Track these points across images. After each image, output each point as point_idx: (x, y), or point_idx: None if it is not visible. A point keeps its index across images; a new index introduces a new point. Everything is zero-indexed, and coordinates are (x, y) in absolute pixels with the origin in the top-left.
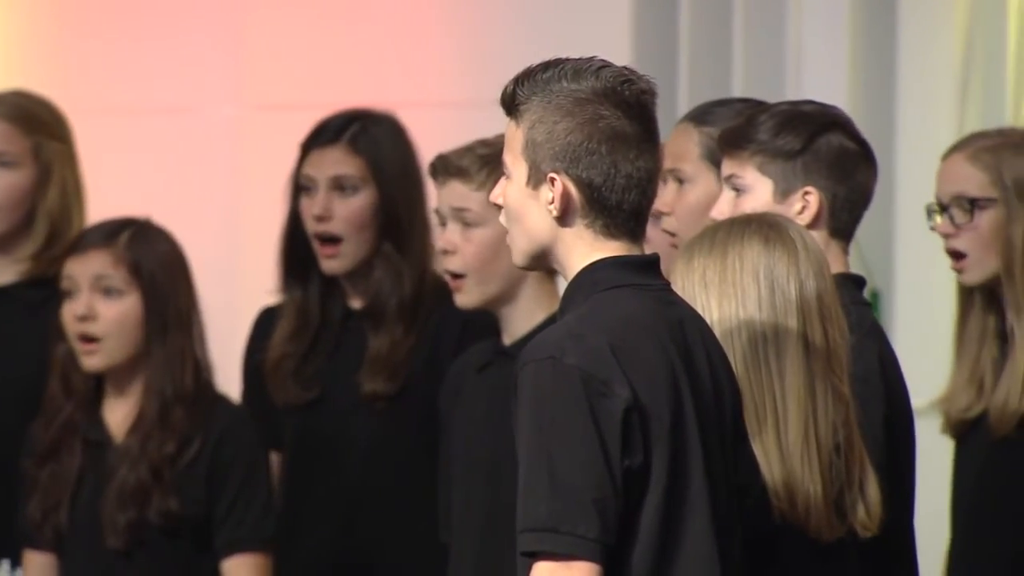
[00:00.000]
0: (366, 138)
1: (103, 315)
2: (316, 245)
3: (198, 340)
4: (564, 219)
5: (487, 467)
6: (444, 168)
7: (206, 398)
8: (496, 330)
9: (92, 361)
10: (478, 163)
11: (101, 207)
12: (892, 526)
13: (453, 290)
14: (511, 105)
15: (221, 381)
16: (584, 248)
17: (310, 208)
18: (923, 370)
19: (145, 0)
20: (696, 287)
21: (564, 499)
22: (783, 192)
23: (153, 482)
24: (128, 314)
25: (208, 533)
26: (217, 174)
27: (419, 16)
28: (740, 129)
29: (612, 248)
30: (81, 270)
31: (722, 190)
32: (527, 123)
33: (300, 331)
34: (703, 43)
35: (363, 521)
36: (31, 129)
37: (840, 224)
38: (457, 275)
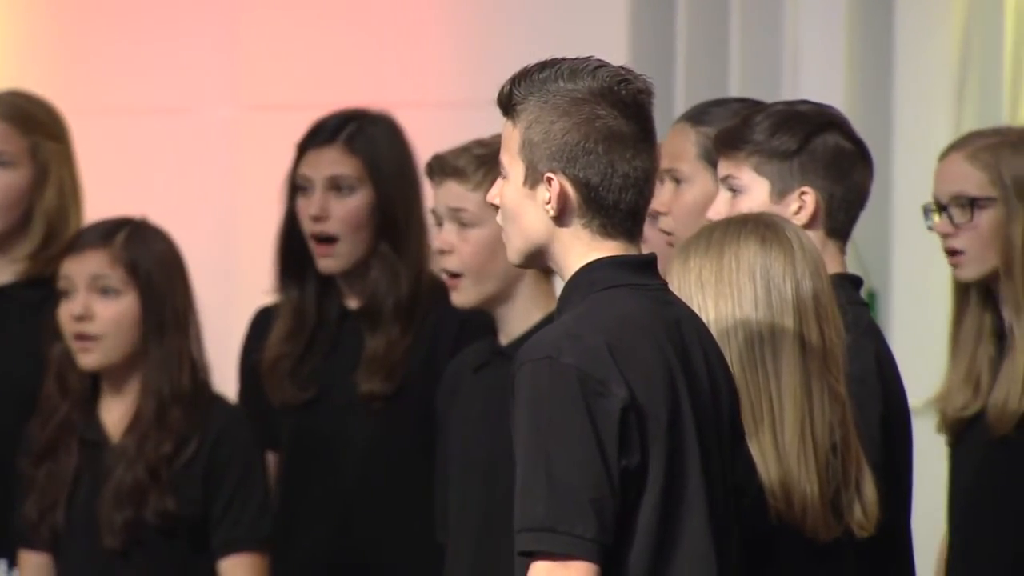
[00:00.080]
0: (363, 138)
1: (100, 315)
2: (312, 245)
3: (195, 340)
4: (561, 219)
5: (484, 467)
6: (440, 168)
7: (203, 398)
8: (493, 330)
9: (88, 359)
10: (475, 163)
11: (98, 207)
12: (889, 526)
13: (449, 288)
14: (508, 105)
15: (217, 381)
16: (581, 248)
17: (306, 208)
18: (920, 370)
19: (142, 1)
20: (692, 287)
21: (561, 499)
22: (780, 192)
23: (150, 482)
24: (125, 314)
25: (205, 533)
26: (213, 174)
27: (415, 16)
28: (736, 130)
29: (609, 248)
30: (78, 270)
31: (719, 190)
32: (524, 123)
33: (296, 331)
34: (700, 43)
35: (359, 521)
36: (28, 129)
37: (837, 224)
38: (454, 274)
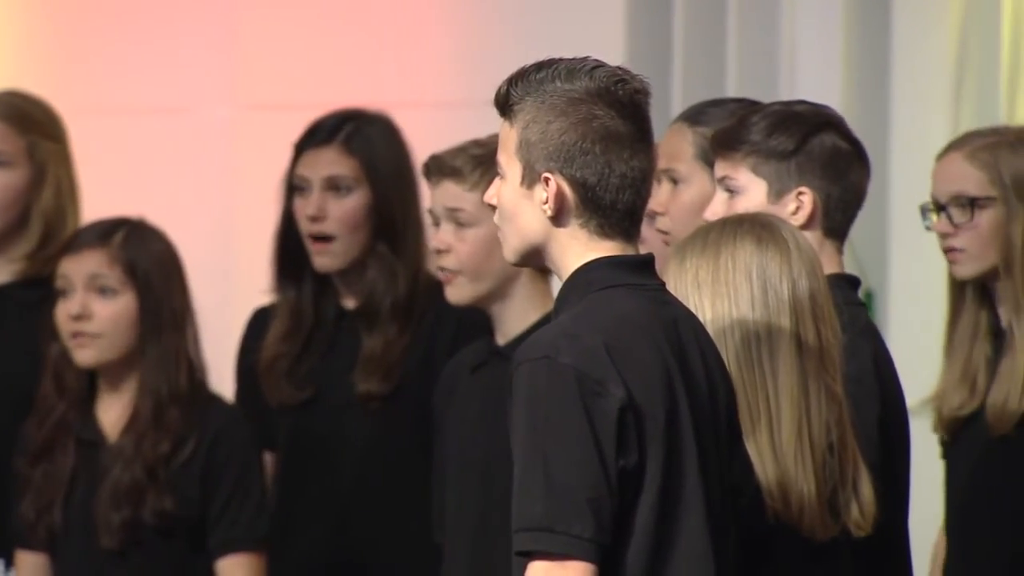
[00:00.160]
0: (360, 138)
1: (98, 314)
2: (309, 245)
3: (192, 340)
4: (558, 219)
5: (481, 467)
6: (438, 168)
7: (200, 398)
8: (490, 330)
9: (84, 355)
10: (472, 163)
11: (96, 207)
12: (886, 525)
13: (444, 283)
14: (505, 105)
15: (215, 381)
16: (579, 248)
17: (304, 208)
18: (917, 370)
19: (139, 0)
20: (689, 287)
21: (559, 499)
22: (777, 193)
23: (147, 482)
24: (123, 313)
25: (202, 533)
26: (211, 174)
27: (413, 16)
28: (733, 130)
29: (607, 248)
30: (76, 269)
31: (716, 190)
32: (521, 123)
33: (294, 331)
34: (697, 43)
35: (357, 521)
36: (26, 129)
37: (834, 224)
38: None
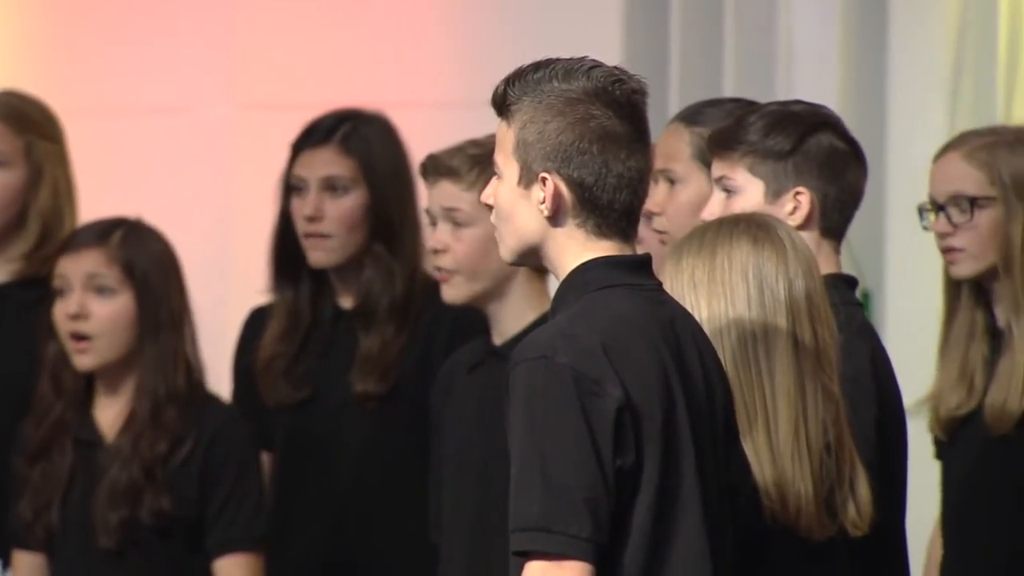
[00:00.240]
0: (357, 138)
1: (96, 314)
2: (306, 244)
3: (190, 340)
4: (555, 219)
5: (478, 467)
6: (435, 168)
7: (198, 398)
8: (487, 330)
9: (84, 360)
10: (469, 163)
11: (93, 207)
12: (883, 525)
13: (440, 282)
14: (502, 105)
15: (212, 381)
16: (576, 248)
17: (301, 208)
18: (915, 370)
19: (138, 0)
20: (685, 287)
21: (556, 499)
22: (774, 193)
23: (145, 481)
24: (121, 313)
25: (200, 533)
26: (208, 174)
27: (411, 16)
28: (730, 130)
29: (604, 248)
30: (74, 268)
31: (713, 190)
32: (518, 123)
33: (291, 331)
34: (694, 43)
35: (354, 521)
36: (23, 129)
37: (831, 224)
38: (446, 270)
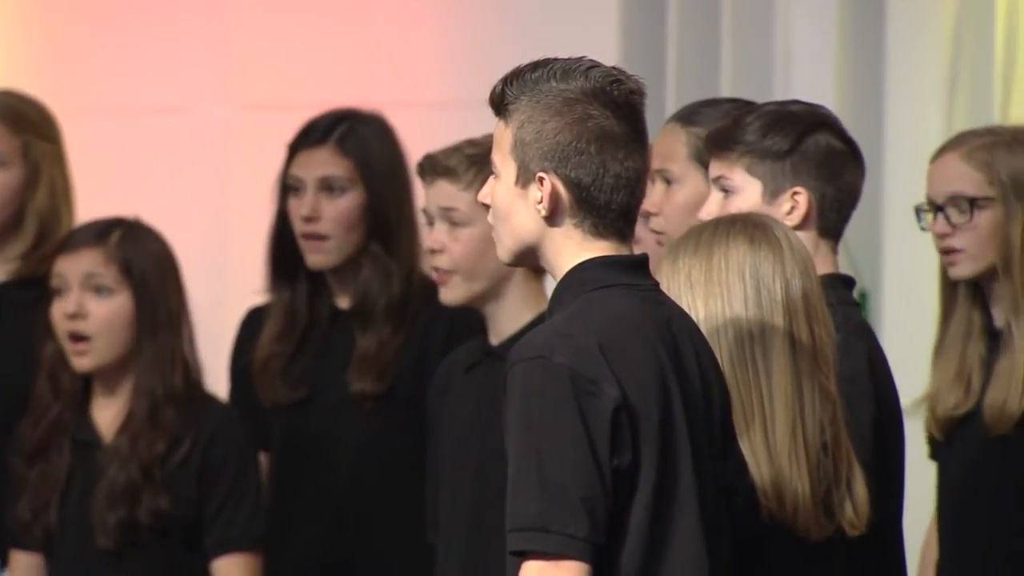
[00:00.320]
0: (354, 138)
1: (93, 313)
2: (303, 244)
3: (188, 340)
4: (553, 219)
5: (474, 467)
6: (432, 168)
7: (196, 398)
8: (483, 330)
9: (82, 361)
10: (466, 163)
11: (91, 207)
12: (880, 525)
13: (438, 284)
14: (500, 105)
15: (209, 381)
16: (573, 248)
17: (298, 209)
18: (912, 370)
19: (135, 0)
20: (682, 287)
21: (553, 498)
22: (772, 193)
23: (143, 482)
24: (118, 313)
25: (198, 533)
26: (206, 174)
27: (408, 16)
28: (727, 130)
29: (601, 248)
30: (72, 268)
31: (710, 190)
32: (516, 123)
33: (288, 331)
34: (691, 43)
35: (351, 521)
36: (20, 128)
37: (829, 224)
38: (444, 271)
